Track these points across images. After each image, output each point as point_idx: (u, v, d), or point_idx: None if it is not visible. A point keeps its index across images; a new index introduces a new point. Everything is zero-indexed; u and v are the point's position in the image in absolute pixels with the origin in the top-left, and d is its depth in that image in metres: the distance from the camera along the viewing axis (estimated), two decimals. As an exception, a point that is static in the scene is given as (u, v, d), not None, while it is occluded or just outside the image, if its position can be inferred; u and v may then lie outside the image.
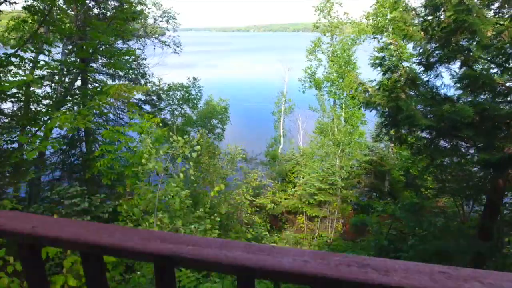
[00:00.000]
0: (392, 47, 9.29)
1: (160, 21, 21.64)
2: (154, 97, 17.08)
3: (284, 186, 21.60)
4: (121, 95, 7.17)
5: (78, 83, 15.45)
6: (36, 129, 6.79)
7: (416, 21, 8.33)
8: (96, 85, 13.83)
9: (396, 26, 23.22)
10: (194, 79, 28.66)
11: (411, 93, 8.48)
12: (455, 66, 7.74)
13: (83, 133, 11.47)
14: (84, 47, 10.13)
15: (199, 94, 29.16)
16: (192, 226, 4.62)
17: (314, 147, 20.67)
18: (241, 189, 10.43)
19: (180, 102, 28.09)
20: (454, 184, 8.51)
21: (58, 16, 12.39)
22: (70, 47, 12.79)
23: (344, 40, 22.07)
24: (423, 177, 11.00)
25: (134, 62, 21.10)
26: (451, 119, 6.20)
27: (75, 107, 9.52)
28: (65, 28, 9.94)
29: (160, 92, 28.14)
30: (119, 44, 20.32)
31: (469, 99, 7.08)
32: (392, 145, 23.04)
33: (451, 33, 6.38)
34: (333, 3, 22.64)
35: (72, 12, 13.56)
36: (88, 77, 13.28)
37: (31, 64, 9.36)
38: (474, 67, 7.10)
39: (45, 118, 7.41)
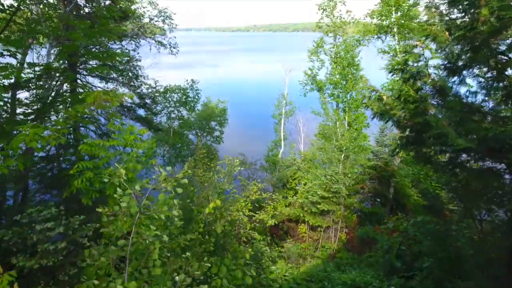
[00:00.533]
0: (418, 50, 8.26)
1: (156, 21, 20.74)
2: (149, 101, 16.18)
3: (285, 192, 20.72)
4: (101, 104, 6.27)
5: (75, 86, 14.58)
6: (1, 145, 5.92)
7: (435, 19, 7.36)
8: (83, 91, 12.91)
9: (402, 26, 22.37)
10: (192, 81, 27.79)
11: (434, 102, 7.52)
12: (479, 71, 6.82)
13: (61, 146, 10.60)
14: (64, 49, 9.22)
15: (197, 97, 28.28)
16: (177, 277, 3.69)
17: (316, 153, 19.77)
18: (239, 203, 9.53)
19: (177, 104, 27.22)
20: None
21: (47, 14, 11.51)
22: (54, 49, 11.90)
23: (347, 41, 21.16)
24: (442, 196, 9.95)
25: (130, 64, 20.23)
26: (497, 140, 5.24)
27: (53, 117, 8.62)
28: (38, 28, 9.02)
29: (157, 94, 27.29)
30: (112, 45, 19.45)
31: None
32: (398, 149, 22.15)
33: (490, 34, 5.47)
34: (336, 2, 21.76)
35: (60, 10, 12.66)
36: (74, 83, 12.33)
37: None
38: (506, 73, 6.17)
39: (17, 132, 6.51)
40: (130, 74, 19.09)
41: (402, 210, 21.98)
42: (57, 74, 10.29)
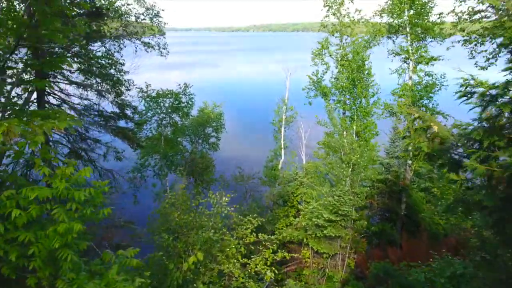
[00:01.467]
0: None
1: (142, 19, 18.62)
2: (129, 111, 14.06)
3: (286, 210, 18.66)
4: (16, 134, 4.21)
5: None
6: None
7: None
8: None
9: (415, 25, 20.28)
10: (185, 85, 25.70)
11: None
12: None
13: None
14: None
15: (190, 102, 26.22)
16: None
17: (321, 166, 17.67)
18: (230, 249, 7.45)
19: (169, 110, 25.16)
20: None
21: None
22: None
23: (356, 42, 19.03)
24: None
25: (114, 68, 18.19)
26: None
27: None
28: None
29: (148, 99, 25.23)
30: (93, 47, 17.41)
31: None
32: (410, 161, 20.08)
33: None
34: None
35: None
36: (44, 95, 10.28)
37: None
38: None
39: None
40: (112, 80, 17.02)
41: (415, 227, 19.93)
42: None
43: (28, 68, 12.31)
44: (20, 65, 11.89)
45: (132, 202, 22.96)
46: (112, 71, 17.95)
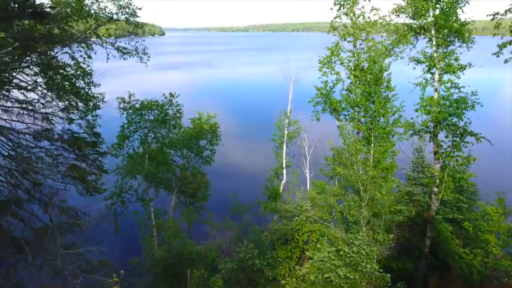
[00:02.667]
0: None
1: (116, 20, 15.43)
2: (89, 137, 10.79)
3: (290, 251, 15.51)
4: None
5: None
6: None
7: None
8: None
9: (442, 26, 17.17)
10: (171, 95, 22.50)
11: None
12: None
13: None
14: None
15: (178, 114, 23.02)
16: None
17: (332, 201, 14.42)
18: None
19: (155, 124, 21.95)
20: None
21: None
22: None
23: (373, 48, 15.79)
24: None
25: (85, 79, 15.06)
26: None
27: None
28: None
29: (131, 111, 22.00)
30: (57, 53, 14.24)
31: None
32: (436, 189, 16.93)
33: None
34: None
35: None
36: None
37: None
38: None
39: None
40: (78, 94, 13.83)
41: (442, 268, 16.77)
42: None
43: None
44: None
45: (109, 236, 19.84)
46: (81, 83, 14.82)
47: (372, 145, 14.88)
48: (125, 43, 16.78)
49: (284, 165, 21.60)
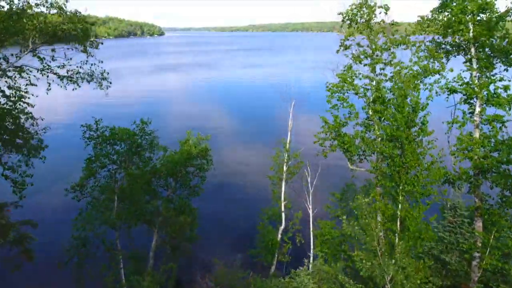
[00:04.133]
0: None
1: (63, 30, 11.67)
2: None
3: None
4: None
5: None
6: None
7: None
8: None
9: (484, 44, 13.48)
10: (143, 122, 18.68)
11: None
12: None
13: None
14: None
15: (153, 143, 19.21)
16: None
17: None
18: None
19: (126, 157, 18.14)
20: None
21: None
22: None
23: (401, 74, 11.89)
24: None
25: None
26: None
27: None
28: None
29: (99, 140, 18.24)
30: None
31: None
32: (478, 255, 13.18)
33: None
34: (375, 3, 12.73)
35: None
36: None
37: None
38: None
39: None
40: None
41: None
42: None
43: None
44: None
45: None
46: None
47: (400, 206, 11.10)
48: (78, 67, 13.02)
49: (282, 207, 17.81)
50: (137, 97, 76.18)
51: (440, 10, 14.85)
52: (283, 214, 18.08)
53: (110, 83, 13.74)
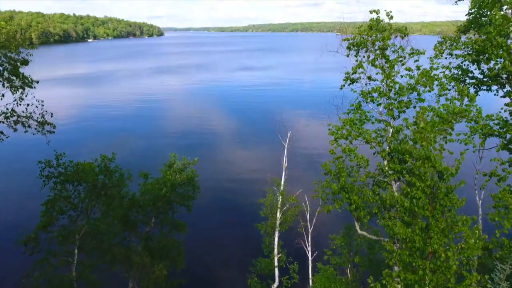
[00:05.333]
0: None
1: None
2: None
3: None
4: None
5: None
6: None
7: None
8: None
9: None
10: (106, 158, 15.73)
11: None
12: None
13: None
14: None
15: (121, 181, 16.22)
16: None
17: None
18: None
19: (90, 197, 15.12)
20: None
21: None
22: None
23: (424, 131, 8.87)
24: None
25: None
26: None
27: None
28: None
29: (61, 178, 15.25)
30: None
31: None
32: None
33: None
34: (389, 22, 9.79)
35: None
36: None
37: None
38: None
39: None
40: None
41: None
42: None
43: None
44: None
45: None
46: None
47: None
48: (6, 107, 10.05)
49: (276, 263, 14.85)
50: (129, 100, 74.20)
51: (466, 28, 12.00)
52: (276, 270, 15.11)
53: (54, 127, 10.77)
